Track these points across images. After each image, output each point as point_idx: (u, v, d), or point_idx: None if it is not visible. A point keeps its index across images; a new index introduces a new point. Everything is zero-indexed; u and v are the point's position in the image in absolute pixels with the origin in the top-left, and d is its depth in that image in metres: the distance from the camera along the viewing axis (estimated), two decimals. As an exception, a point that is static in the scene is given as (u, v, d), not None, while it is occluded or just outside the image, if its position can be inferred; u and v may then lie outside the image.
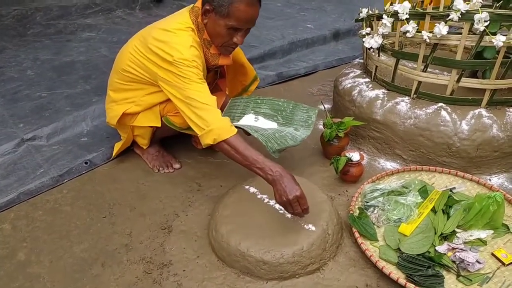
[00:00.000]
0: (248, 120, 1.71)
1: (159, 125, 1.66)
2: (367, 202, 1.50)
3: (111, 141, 1.90)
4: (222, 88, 1.88)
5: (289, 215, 1.38)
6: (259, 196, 1.48)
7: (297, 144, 1.61)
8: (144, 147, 1.81)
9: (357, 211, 1.48)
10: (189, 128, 1.67)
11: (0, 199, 1.61)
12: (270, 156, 1.46)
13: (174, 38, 1.45)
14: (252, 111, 1.76)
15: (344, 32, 3.37)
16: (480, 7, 1.46)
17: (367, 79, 1.97)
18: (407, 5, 1.63)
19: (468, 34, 1.51)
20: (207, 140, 1.40)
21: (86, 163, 1.82)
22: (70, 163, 1.80)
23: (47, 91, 2.30)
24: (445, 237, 1.38)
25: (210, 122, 1.39)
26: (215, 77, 1.83)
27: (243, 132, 1.64)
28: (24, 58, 2.70)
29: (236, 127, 1.51)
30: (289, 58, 2.98)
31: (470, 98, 1.67)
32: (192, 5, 1.54)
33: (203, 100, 1.41)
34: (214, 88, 1.83)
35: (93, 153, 1.86)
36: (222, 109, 1.83)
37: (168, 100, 1.55)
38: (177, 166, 1.83)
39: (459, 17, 1.48)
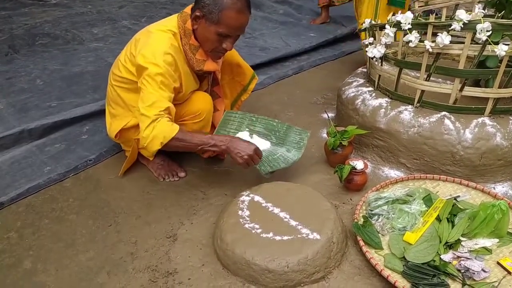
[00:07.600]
0: (243, 137, 1.74)
1: None
2: (372, 211, 1.50)
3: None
4: (220, 95, 1.89)
5: (293, 223, 1.39)
6: (264, 205, 1.48)
7: (289, 166, 1.68)
8: (151, 159, 1.82)
9: (362, 220, 1.48)
10: None
11: (10, 193, 1.71)
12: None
13: (152, 40, 1.50)
14: (247, 129, 1.80)
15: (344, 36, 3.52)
16: (482, 17, 1.47)
17: (370, 88, 1.98)
18: (409, 15, 1.65)
19: (471, 43, 1.52)
20: (154, 147, 1.44)
21: (90, 160, 1.92)
22: (75, 162, 1.90)
23: (56, 101, 2.33)
24: (450, 246, 1.37)
25: (151, 130, 1.42)
26: (209, 85, 1.83)
27: None
28: (33, 68, 2.72)
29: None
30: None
31: (473, 106, 1.68)
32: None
33: (148, 102, 1.44)
34: (211, 95, 1.83)
35: (95, 150, 1.98)
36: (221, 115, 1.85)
37: None
38: (182, 174, 1.84)
39: (461, 27, 1.49)
